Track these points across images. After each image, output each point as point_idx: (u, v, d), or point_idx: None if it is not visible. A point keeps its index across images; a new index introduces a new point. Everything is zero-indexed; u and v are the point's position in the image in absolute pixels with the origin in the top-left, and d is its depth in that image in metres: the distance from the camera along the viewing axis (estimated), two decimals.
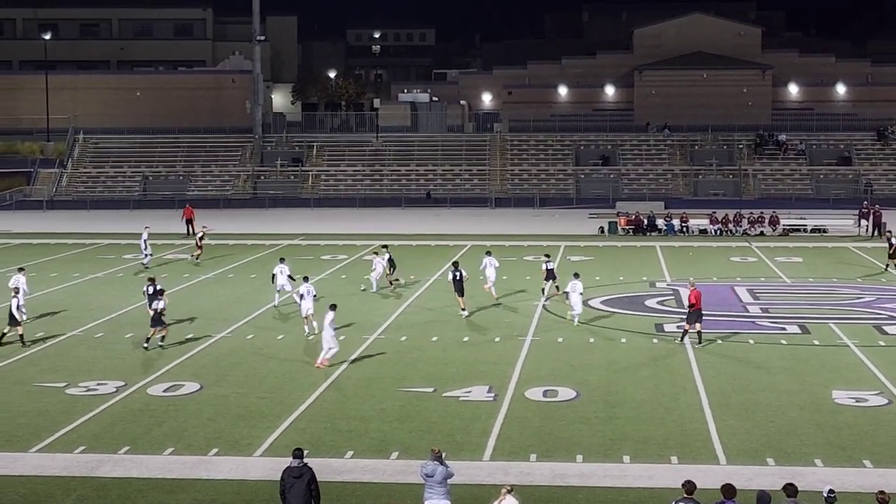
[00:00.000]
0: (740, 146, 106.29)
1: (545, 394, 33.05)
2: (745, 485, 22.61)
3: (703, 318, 40.30)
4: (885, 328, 42.86)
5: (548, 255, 52.35)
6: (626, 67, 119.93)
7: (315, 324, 41.49)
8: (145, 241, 59.75)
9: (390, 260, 53.04)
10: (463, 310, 46.00)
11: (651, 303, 48.65)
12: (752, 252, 66.23)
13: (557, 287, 48.70)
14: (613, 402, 32.22)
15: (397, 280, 53.20)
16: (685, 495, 21.15)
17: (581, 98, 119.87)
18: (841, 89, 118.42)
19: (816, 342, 40.60)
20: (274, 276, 48.18)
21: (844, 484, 24.56)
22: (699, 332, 39.94)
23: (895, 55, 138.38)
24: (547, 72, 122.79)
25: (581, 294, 43.57)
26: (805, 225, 77.76)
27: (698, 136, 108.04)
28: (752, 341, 40.60)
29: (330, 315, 36.66)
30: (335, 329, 36.92)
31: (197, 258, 61.22)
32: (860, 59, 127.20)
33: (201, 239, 62.02)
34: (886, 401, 32.24)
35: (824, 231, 76.50)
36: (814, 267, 60.16)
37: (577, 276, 43.99)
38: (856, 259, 63.45)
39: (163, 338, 39.77)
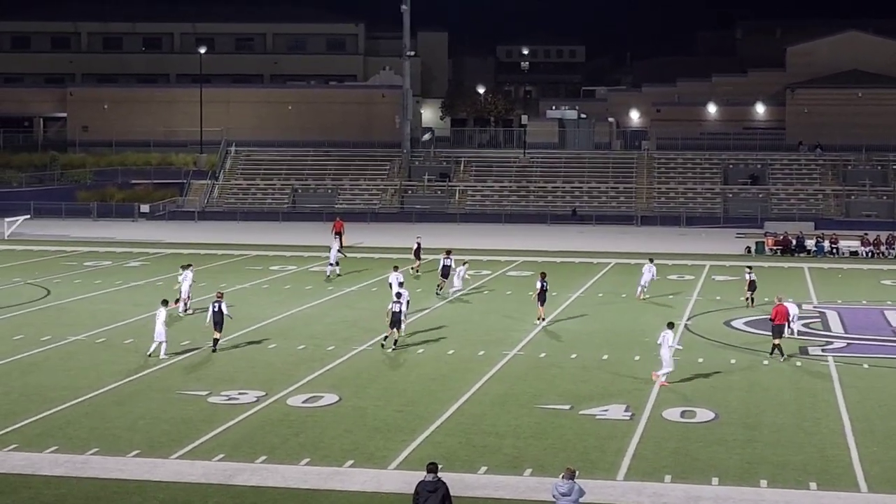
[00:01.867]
0: (895, 167, 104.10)
1: (683, 414, 32.68)
2: None
3: (783, 333, 41.38)
4: None
5: (749, 268, 53.83)
6: (778, 85, 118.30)
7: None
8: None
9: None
10: (541, 319, 46.95)
11: (796, 325, 47.78)
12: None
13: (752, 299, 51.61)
14: (752, 424, 31.72)
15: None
16: None
17: (731, 116, 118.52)
18: None
19: None
20: (391, 284, 48.91)
21: None
22: (777, 346, 40.67)
23: None
24: (696, 89, 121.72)
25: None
26: None
27: (851, 156, 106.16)
28: None
29: (668, 334, 36.88)
30: (670, 348, 36.88)
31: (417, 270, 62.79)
32: None
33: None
34: None
35: None
36: None
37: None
38: None
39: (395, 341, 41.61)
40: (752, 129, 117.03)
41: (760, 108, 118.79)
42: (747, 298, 51.97)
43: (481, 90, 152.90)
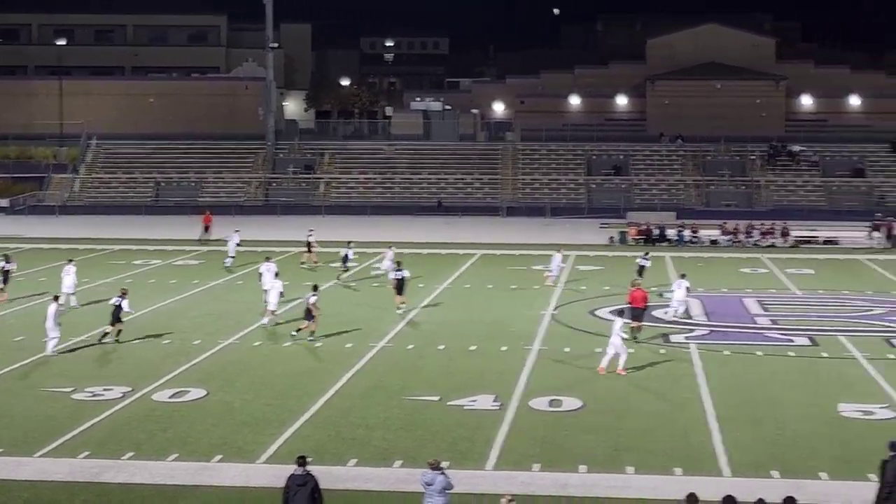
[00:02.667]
0: (753, 157, 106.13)
1: (550, 403, 32.99)
2: (749, 497, 22.44)
3: (642, 318, 42.84)
4: (894, 341, 42.70)
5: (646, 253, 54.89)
6: (638, 77, 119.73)
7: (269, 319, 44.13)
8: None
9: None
10: (400, 307, 47.72)
11: (659, 313, 48.48)
12: (763, 263, 66.09)
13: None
14: (619, 412, 32.15)
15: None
16: None
17: (593, 108, 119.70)
18: (855, 101, 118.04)
19: (825, 354, 40.49)
20: (261, 274, 48.98)
21: (850, 498, 24.46)
22: (635, 329, 41.96)
23: None
24: (559, 81, 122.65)
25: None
26: (817, 237, 77.55)
27: (711, 147, 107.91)
28: (760, 353, 40.49)
29: (617, 322, 37.70)
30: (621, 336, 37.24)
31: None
32: (875, 71, 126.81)
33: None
34: (894, 414, 32.11)
35: (836, 243, 76.27)
36: (825, 279, 60.01)
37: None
38: (867, 271, 63.29)
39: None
40: (614, 121, 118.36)
41: (622, 100, 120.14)
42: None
43: (345, 82, 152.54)
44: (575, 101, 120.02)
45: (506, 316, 47.78)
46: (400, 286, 48.42)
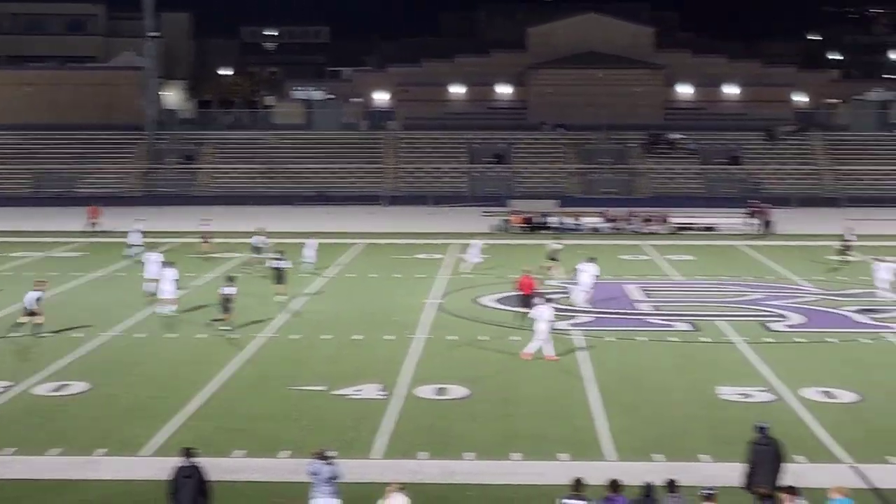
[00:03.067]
0: (633, 145, 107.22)
1: (437, 391, 33.14)
2: (633, 480, 22.81)
3: (530, 304, 42.03)
4: (770, 325, 43.52)
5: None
6: (520, 66, 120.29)
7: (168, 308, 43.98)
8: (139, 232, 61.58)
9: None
10: (279, 296, 47.90)
11: (582, 296, 48.79)
12: (644, 250, 66.91)
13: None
14: (505, 399, 32.40)
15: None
16: (572, 492, 21.37)
17: (475, 96, 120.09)
18: (732, 89, 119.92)
19: (704, 339, 41.15)
20: (144, 264, 48.66)
21: (729, 479, 24.86)
22: (524, 314, 41.73)
23: (785, 56, 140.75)
24: (441, 70, 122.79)
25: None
26: (695, 223, 78.70)
27: (591, 135, 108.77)
28: (642, 339, 41.02)
29: (545, 309, 37.56)
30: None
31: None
32: (751, 60, 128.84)
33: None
34: (772, 397, 32.78)
35: (714, 229, 77.47)
36: (704, 265, 60.94)
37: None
38: (744, 257, 64.37)
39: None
40: (496, 109, 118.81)
41: (503, 89, 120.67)
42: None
43: (226, 72, 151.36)
44: (457, 89, 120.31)
45: (391, 305, 47.84)
46: (280, 276, 48.45)
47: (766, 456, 23.06)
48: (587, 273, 48.09)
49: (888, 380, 34.96)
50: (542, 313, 37.73)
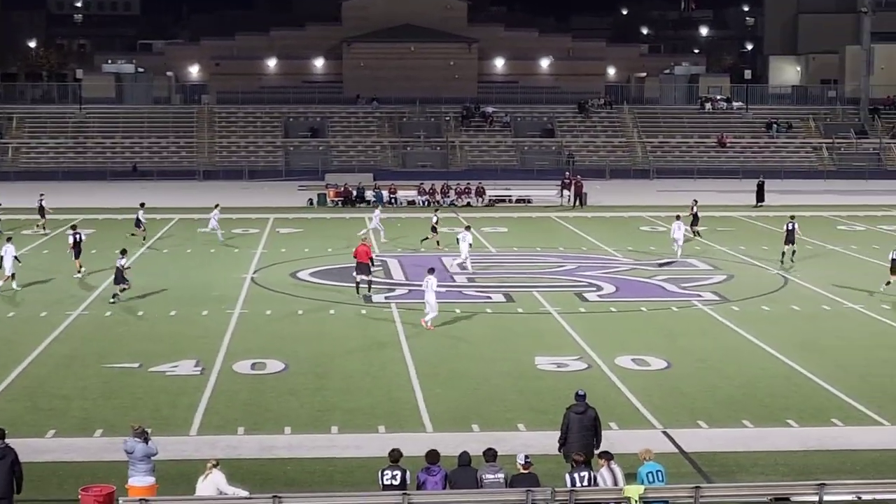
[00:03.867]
0: (447, 118, 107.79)
1: (253, 366, 32.93)
2: (451, 451, 22.93)
3: (369, 271, 44.23)
4: (585, 295, 44.22)
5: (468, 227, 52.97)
6: (334, 39, 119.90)
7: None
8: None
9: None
10: (79, 271, 47.55)
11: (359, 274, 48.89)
12: (460, 222, 67.26)
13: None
14: (322, 373, 32.34)
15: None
16: (391, 463, 21.43)
17: (290, 70, 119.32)
18: (544, 63, 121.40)
19: (520, 310, 41.64)
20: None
21: (546, 447, 25.21)
22: (369, 283, 43.80)
23: (596, 31, 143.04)
24: (255, 43, 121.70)
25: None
26: (510, 195, 79.57)
27: (406, 109, 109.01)
28: (458, 311, 41.28)
29: (431, 279, 38.14)
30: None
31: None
32: (562, 34, 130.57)
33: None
34: (586, 365, 33.33)
35: (528, 201, 78.42)
36: (519, 237, 61.61)
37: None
38: (558, 228, 65.26)
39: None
40: (311, 83, 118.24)
41: (319, 62, 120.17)
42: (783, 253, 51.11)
43: (32, 44, 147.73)
44: (271, 63, 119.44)
45: (206, 280, 47.36)
46: (78, 250, 47.72)
47: (582, 423, 23.44)
48: (464, 242, 49.57)
49: (695, 346, 35.83)
50: (431, 283, 38.17)
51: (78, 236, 48.43)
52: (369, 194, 77.18)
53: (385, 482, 21.28)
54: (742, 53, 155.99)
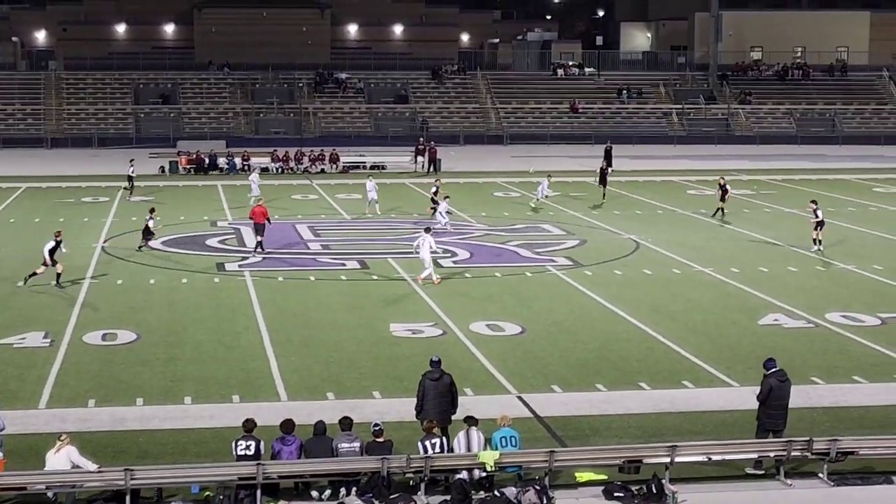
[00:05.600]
0: (300, 85, 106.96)
1: (104, 337, 32.39)
2: (306, 420, 22.85)
3: (263, 232, 45.53)
4: (440, 261, 44.18)
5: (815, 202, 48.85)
6: (186, 4, 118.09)
7: None
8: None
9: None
10: None
11: (213, 242, 48.47)
12: (314, 189, 67.06)
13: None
14: (174, 343, 31.95)
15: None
16: (245, 433, 21.28)
17: (140, 36, 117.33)
18: (397, 29, 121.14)
19: (375, 277, 41.57)
20: None
21: (401, 414, 25.25)
22: (259, 243, 45.31)
23: None
24: (104, 9, 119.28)
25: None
26: (364, 162, 79.37)
27: (259, 75, 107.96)
28: (313, 278, 41.13)
29: (428, 237, 40.22)
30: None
31: None
32: (415, 1, 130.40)
33: None
34: (441, 332, 33.40)
35: (383, 168, 78.30)
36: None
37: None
38: (412, 194, 65.29)
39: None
40: (161, 49, 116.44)
41: (169, 28, 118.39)
42: (815, 239, 47.13)
43: None
44: (121, 28, 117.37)
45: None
46: None
47: (437, 389, 23.47)
48: (443, 204, 51.48)
49: (549, 311, 36.12)
50: (426, 240, 39.97)
51: None
52: (222, 161, 76.39)
53: (239, 452, 21.14)
54: (594, 20, 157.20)
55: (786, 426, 23.22)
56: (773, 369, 23.31)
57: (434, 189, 56.65)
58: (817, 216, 46.62)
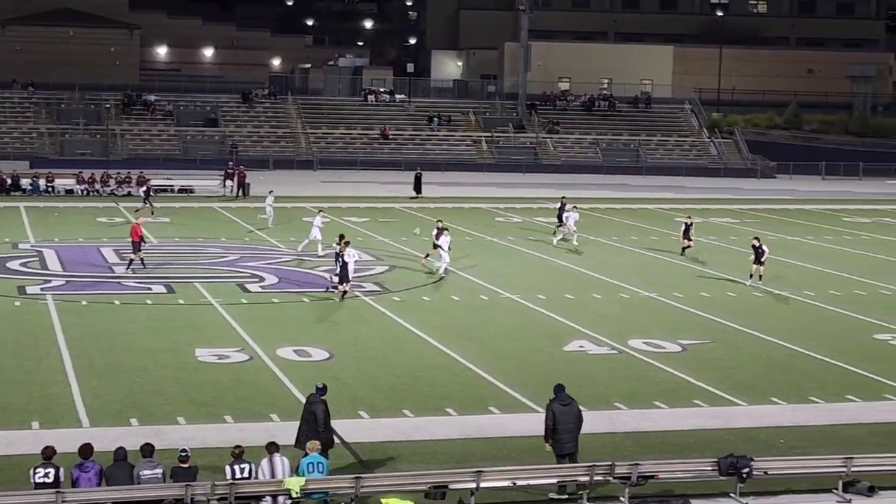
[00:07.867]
0: (108, 106, 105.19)
1: None
2: (109, 446, 22.39)
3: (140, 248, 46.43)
4: (247, 286, 43.98)
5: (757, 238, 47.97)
6: None
7: None
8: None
9: None
10: None
11: (14, 265, 47.32)
12: (120, 212, 65.99)
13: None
14: None
15: None
16: (44, 460, 20.79)
17: None
18: (208, 52, 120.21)
19: (182, 301, 41.07)
20: None
21: (206, 440, 24.98)
22: (139, 259, 46.42)
23: (260, 20, 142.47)
24: None
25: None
26: (172, 185, 78.42)
27: (65, 95, 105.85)
28: (117, 302, 40.44)
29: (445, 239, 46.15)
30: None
31: None
32: (226, 23, 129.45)
33: None
34: (247, 357, 33.11)
35: (191, 191, 77.51)
36: (180, 227, 60.76)
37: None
38: (221, 218, 64.75)
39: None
40: None
41: None
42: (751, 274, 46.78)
43: None
44: None
45: None
46: None
47: (312, 416, 23.40)
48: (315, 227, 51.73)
49: (357, 337, 36.12)
50: (444, 242, 46.41)
51: None
52: (25, 182, 74.66)
53: (38, 480, 20.63)
54: (405, 47, 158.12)
55: (577, 449, 23.56)
56: (558, 395, 23.79)
57: (435, 231, 49.33)
58: (761, 251, 46.20)
